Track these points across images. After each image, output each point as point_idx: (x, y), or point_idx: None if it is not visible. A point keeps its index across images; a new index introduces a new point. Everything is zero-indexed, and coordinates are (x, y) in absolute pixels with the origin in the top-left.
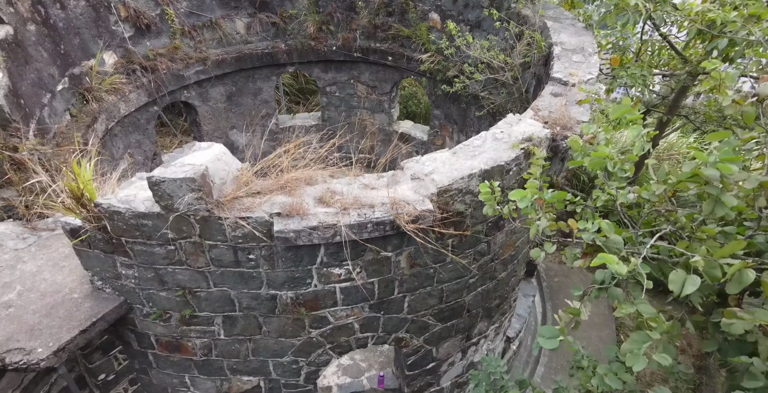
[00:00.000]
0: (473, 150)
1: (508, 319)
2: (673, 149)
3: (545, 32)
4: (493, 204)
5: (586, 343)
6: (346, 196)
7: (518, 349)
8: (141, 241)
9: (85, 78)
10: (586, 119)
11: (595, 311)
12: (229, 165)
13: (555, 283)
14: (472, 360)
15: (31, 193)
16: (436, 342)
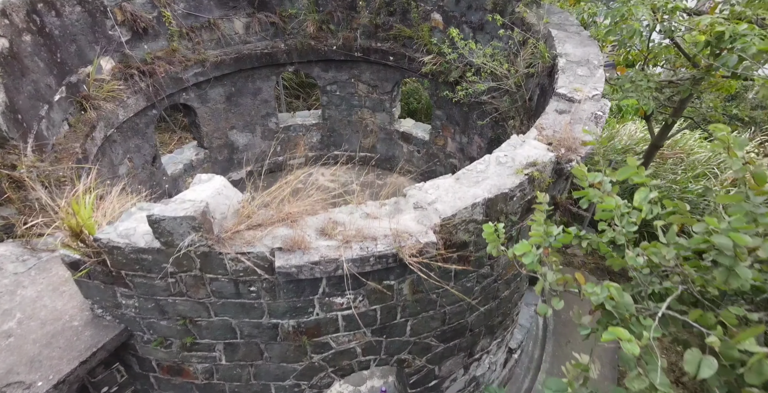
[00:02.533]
0: (476, 175)
1: (510, 332)
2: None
3: (549, 41)
4: (497, 245)
5: None
6: (348, 227)
7: (520, 355)
8: (141, 274)
9: (82, 86)
10: (591, 139)
11: None
12: (230, 198)
13: None
14: (474, 374)
15: (30, 211)
16: (438, 361)
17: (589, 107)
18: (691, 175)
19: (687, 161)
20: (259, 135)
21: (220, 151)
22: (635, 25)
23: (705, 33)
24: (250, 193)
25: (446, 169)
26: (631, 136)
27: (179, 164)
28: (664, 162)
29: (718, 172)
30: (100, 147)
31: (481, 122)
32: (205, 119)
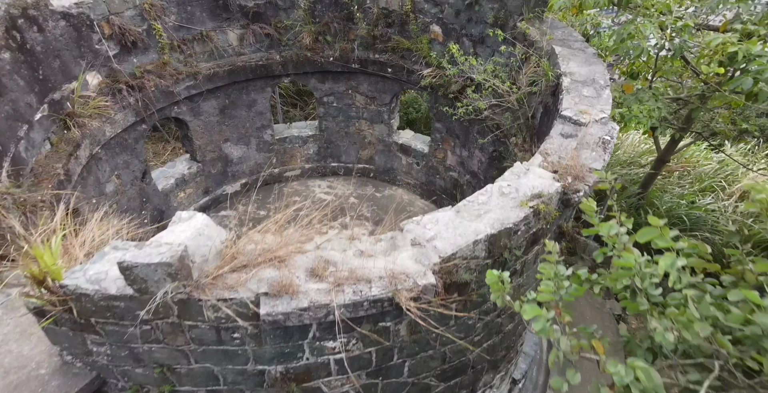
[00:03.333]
0: (478, 208)
1: (514, 364)
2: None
3: (553, 58)
4: (503, 295)
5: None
6: (341, 267)
7: (524, 384)
8: (113, 322)
9: (66, 103)
10: (600, 166)
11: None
12: (213, 239)
13: None
14: None
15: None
16: None
17: (597, 131)
18: (698, 189)
19: (694, 174)
20: (254, 147)
21: (214, 164)
22: (642, 44)
23: (716, 53)
24: (235, 231)
25: (446, 182)
26: (635, 146)
27: (171, 179)
28: (669, 175)
29: (726, 185)
30: (86, 165)
31: (482, 140)
32: (198, 132)
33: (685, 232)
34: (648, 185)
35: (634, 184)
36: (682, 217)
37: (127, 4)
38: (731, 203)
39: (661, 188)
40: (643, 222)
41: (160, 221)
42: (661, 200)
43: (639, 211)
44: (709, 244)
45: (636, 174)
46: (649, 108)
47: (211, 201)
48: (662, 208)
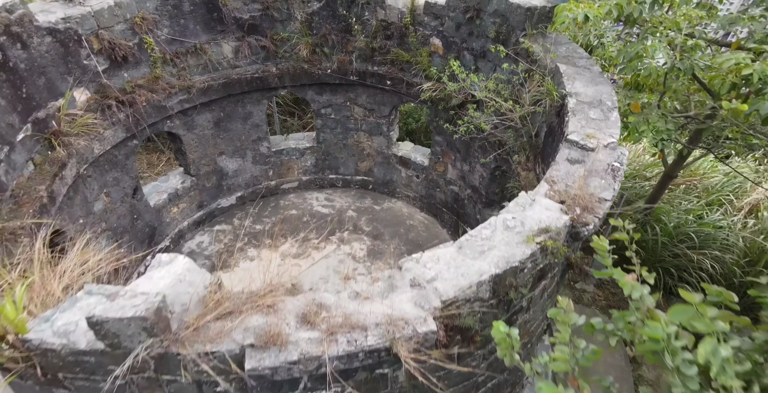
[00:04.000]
0: (481, 244)
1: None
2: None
3: (557, 77)
4: (511, 353)
5: None
6: (334, 311)
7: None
8: (83, 377)
9: (51, 121)
10: (609, 196)
11: (611, 362)
12: (194, 284)
13: None
14: None
15: None
16: None
17: (605, 157)
18: (705, 202)
19: (701, 186)
20: (250, 160)
21: (208, 177)
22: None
23: (730, 73)
24: (218, 277)
25: (446, 196)
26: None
27: (163, 194)
28: (675, 188)
29: (734, 198)
30: (72, 185)
31: (485, 160)
32: (192, 146)
33: (693, 250)
34: (655, 200)
35: (640, 198)
36: (690, 234)
37: (118, 18)
38: (740, 219)
39: (667, 202)
40: (650, 239)
41: (151, 238)
42: (668, 216)
43: (645, 227)
44: (719, 263)
45: (642, 187)
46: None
47: (205, 215)
48: (670, 225)
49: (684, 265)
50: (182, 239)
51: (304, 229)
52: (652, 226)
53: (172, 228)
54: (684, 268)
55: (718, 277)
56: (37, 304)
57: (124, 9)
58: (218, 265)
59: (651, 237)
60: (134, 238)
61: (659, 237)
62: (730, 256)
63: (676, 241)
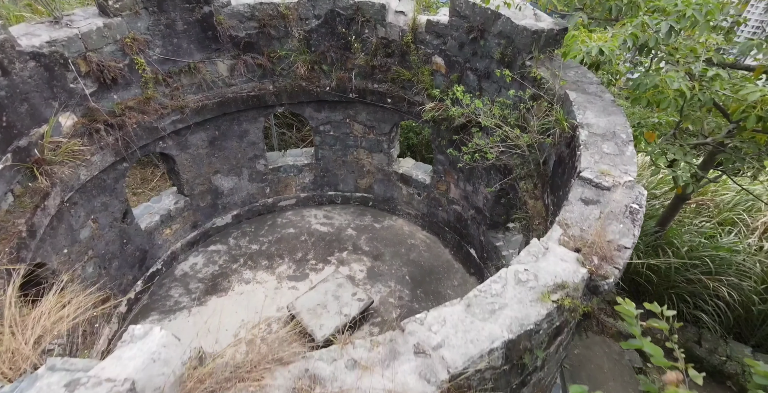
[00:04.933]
0: (491, 302)
1: None
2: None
3: (567, 105)
4: None
5: None
6: (330, 386)
7: None
8: None
9: (33, 149)
10: (630, 243)
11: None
12: (170, 363)
13: (575, 357)
14: None
15: None
16: None
17: (622, 197)
18: (718, 221)
19: (712, 205)
20: (246, 178)
21: (203, 197)
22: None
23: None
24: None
25: (449, 215)
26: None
27: (155, 215)
28: (686, 207)
29: (747, 217)
30: (55, 214)
31: (490, 189)
32: (186, 166)
33: (708, 274)
34: (666, 222)
35: (651, 218)
36: (705, 258)
37: (107, 40)
38: (756, 241)
39: (677, 222)
40: (663, 263)
41: (142, 262)
42: (680, 239)
43: (657, 251)
44: (736, 290)
45: (652, 206)
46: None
47: (199, 235)
48: (683, 249)
49: (699, 292)
50: (175, 261)
51: (301, 249)
52: (663, 250)
53: (165, 250)
54: (699, 295)
55: (736, 305)
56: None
57: (114, 30)
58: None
59: (663, 261)
60: (124, 263)
61: (672, 261)
62: (747, 284)
63: (689, 265)
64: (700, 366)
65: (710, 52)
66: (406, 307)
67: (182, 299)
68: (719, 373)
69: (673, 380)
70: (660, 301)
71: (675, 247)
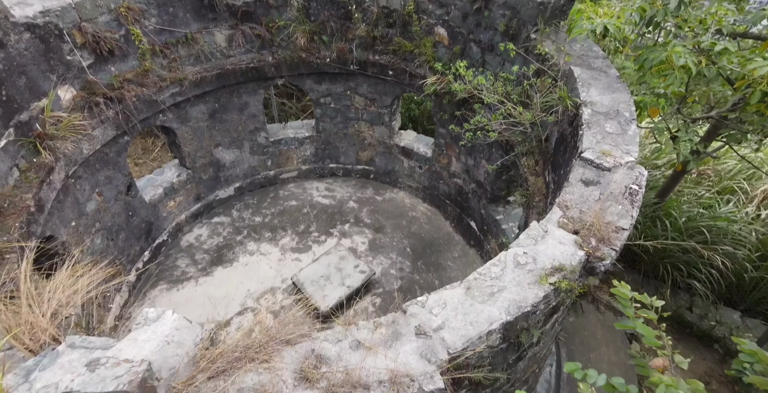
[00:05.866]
0: (491, 284)
1: None
2: None
3: (571, 81)
4: None
5: None
6: (335, 365)
7: None
8: None
9: (35, 123)
10: (627, 225)
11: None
12: (184, 344)
13: (570, 324)
14: None
15: None
16: None
17: (622, 178)
18: (717, 190)
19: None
20: (248, 150)
21: (205, 169)
22: (677, 73)
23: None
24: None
25: (450, 188)
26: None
27: (158, 188)
28: (687, 176)
29: (747, 186)
30: (61, 188)
31: (491, 167)
32: (187, 139)
33: (704, 244)
34: (666, 194)
35: (651, 189)
36: (702, 229)
37: (101, 9)
38: (753, 210)
39: (677, 192)
40: (661, 235)
41: (148, 233)
42: (679, 210)
43: (656, 222)
44: (730, 259)
45: (653, 177)
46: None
47: (203, 207)
48: (680, 220)
49: (693, 261)
50: (180, 232)
51: (304, 222)
52: (662, 221)
53: (170, 222)
54: (693, 264)
55: (729, 273)
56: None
57: None
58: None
59: (660, 232)
60: (131, 235)
61: (669, 232)
62: (741, 252)
63: (686, 236)
64: (690, 331)
65: (721, 22)
66: (407, 278)
67: (189, 269)
68: (707, 337)
69: (660, 366)
70: (655, 270)
71: (673, 217)
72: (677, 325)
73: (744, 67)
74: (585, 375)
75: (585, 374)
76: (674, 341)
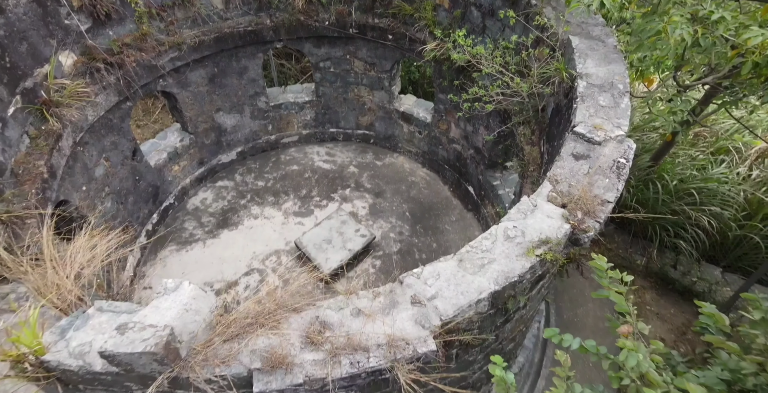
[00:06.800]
0: (482, 256)
1: (513, 360)
2: None
3: (568, 52)
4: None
5: None
6: (337, 331)
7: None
8: (102, 389)
9: (40, 90)
10: (613, 198)
11: (599, 315)
12: (201, 312)
13: (560, 283)
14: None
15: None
16: None
17: (611, 152)
18: (712, 150)
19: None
20: (248, 115)
21: (207, 134)
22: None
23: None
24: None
25: (449, 153)
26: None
27: (163, 153)
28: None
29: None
30: (71, 154)
31: (488, 137)
32: (188, 104)
33: (694, 206)
34: (660, 157)
35: (647, 152)
36: (692, 191)
37: None
38: (745, 170)
39: (672, 154)
40: (652, 197)
41: (155, 197)
42: (672, 173)
43: (648, 185)
44: (717, 219)
45: (651, 139)
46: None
47: (207, 171)
48: (671, 183)
49: (681, 222)
50: (186, 196)
51: (305, 186)
52: (654, 184)
53: (175, 185)
54: (681, 225)
55: (714, 232)
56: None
57: None
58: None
59: (652, 195)
60: (139, 198)
61: (660, 195)
62: (728, 212)
63: (675, 198)
64: (673, 287)
65: None
66: (406, 241)
67: (196, 232)
68: (688, 292)
69: (625, 332)
70: (644, 230)
71: (665, 180)
72: (661, 281)
73: (740, 37)
74: (561, 339)
75: (561, 339)
76: (657, 296)
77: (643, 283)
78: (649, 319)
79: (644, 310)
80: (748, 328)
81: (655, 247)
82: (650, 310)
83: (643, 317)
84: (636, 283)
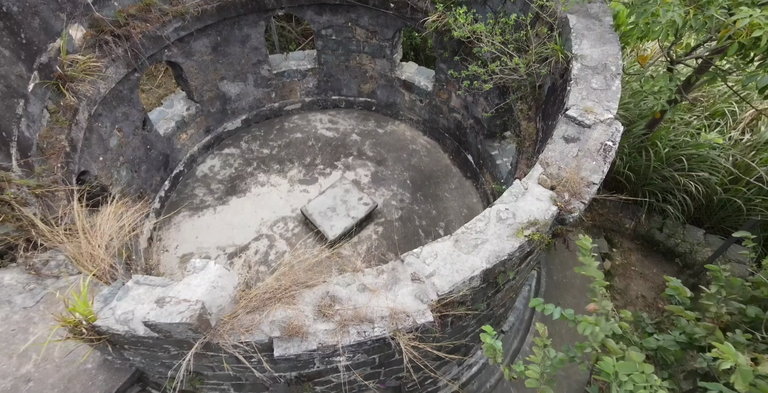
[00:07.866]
0: (475, 237)
1: (505, 320)
2: None
3: (565, 31)
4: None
5: None
6: (346, 304)
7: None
8: (144, 349)
9: (54, 65)
10: (598, 179)
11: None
12: (226, 288)
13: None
14: (468, 364)
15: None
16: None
17: (600, 135)
18: (707, 114)
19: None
20: (252, 83)
21: (212, 103)
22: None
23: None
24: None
25: (449, 122)
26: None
27: (171, 122)
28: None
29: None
30: (87, 127)
31: (487, 114)
32: (192, 73)
33: (682, 172)
34: (655, 124)
35: (643, 119)
36: (682, 158)
37: None
38: (737, 135)
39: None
40: (644, 164)
41: (166, 165)
42: (664, 140)
43: (641, 152)
44: (704, 184)
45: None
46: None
47: (213, 139)
48: (663, 150)
49: (670, 188)
50: (194, 163)
51: (309, 154)
52: (647, 151)
53: (184, 153)
54: (669, 190)
55: (700, 197)
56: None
57: None
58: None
59: (644, 162)
60: (151, 166)
61: (651, 162)
62: (715, 177)
63: (666, 164)
64: (657, 248)
65: None
66: (407, 209)
67: (206, 198)
68: (671, 253)
69: (592, 309)
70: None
71: (658, 147)
72: (647, 243)
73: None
74: (543, 308)
75: (543, 308)
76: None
77: (630, 245)
78: (633, 278)
79: (629, 270)
80: (705, 299)
81: (644, 212)
82: (635, 270)
83: (628, 277)
84: (623, 246)
